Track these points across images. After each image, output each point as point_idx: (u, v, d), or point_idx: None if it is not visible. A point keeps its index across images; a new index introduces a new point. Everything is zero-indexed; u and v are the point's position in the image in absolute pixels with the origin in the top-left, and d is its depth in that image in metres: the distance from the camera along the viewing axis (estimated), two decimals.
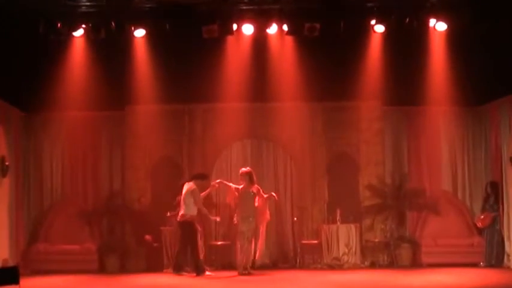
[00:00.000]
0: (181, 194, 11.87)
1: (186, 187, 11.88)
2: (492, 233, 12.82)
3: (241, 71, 13.02)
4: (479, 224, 13.04)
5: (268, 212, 12.10)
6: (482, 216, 13.02)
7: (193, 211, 11.74)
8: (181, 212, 11.75)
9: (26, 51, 12.02)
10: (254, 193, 11.82)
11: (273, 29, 12.48)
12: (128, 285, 10.78)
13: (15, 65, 11.93)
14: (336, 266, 12.87)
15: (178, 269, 11.75)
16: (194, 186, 11.80)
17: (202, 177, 12.10)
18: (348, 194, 13.73)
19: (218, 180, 12.35)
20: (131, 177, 13.69)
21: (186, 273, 11.75)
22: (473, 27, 11.82)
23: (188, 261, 12.04)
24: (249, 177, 11.85)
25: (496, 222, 12.82)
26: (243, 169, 12.04)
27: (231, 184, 12.17)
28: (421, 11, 11.97)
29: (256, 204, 11.85)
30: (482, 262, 12.74)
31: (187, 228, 11.71)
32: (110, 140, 14.01)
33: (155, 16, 11.87)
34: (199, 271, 11.60)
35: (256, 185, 11.98)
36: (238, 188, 11.92)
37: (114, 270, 12.86)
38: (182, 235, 11.86)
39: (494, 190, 12.98)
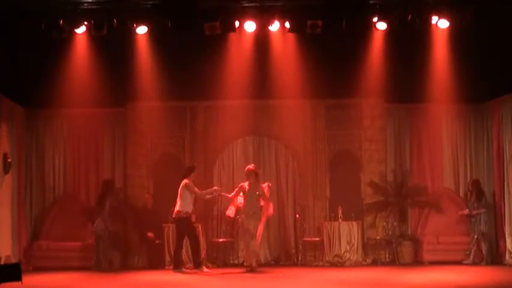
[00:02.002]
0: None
1: (181, 185, 11.91)
2: (473, 231, 12.86)
3: (243, 68, 13.02)
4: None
5: (271, 206, 12.11)
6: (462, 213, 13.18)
7: (189, 207, 11.77)
8: (176, 209, 11.77)
9: (28, 48, 12.05)
10: (260, 192, 11.82)
11: (275, 27, 12.49)
12: (129, 282, 10.77)
13: (17, 61, 11.96)
14: (338, 263, 12.89)
15: (177, 267, 11.76)
16: (187, 181, 11.79)
17: (191, 171, 12.04)
18: (350, 192, 13.73)
19: (216, 188, 12.30)
20: (133, 174, 13.71)
21: (186, 270, 11.78)
22: (476, 24, 11.82)
23: (187, 257, 12.19)
24: (255, 175, 11.86)
25: (476, 220, 12.85)
26: (250, 166, 12.02)
27: (230, 195, 12.14)
28: (423, 9, 11.97)
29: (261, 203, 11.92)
30: (466, 260, 12.82)
31: (182, 224, 11.73)
32: (111, 136, 14.02)
33: (157, 13, 11.87)
34: (196, 265, 11.70)
35: (263, 185, 12.03)
36: (238, 199, 11.98)
37: (116, 266, 12.87)
38: (178, 232, 11.89)
39: (476, 188, 13.00)
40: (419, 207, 13.65)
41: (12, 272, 9.29)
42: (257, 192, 11.76)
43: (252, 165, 12.14)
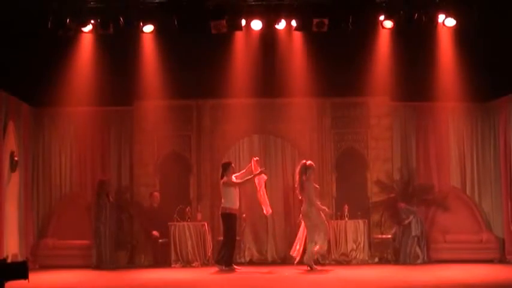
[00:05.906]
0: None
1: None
2: (407, 237, 12.85)
3: (250, 66, 13.04)
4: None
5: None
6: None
7: (232, 203, 11.82)
8: (221, 205, 11.90)
9: (35, 47, 12.07)
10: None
11: (281, 25, 12.47)
12: (135, 281, 10.79)
13: (24, 60, 11.98)
14: (344, 261, 12.88)
15: (229, 264, 11.82)
16: (223, 180, 11.90)
17: (225, 169, 12.04)
18: (356, 190, 13.72)
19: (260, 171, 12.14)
20: (139, 173, 13.73)
21: (237, 268, 11.86)
22: (482, 22, 11.79)
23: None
24: None
25: (408, 227, 12.85)
26: (310, 161, 11.97)
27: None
28: (429, 7, 11.95)
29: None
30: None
31: (225, 220, 11.85)
32: (118, 135, 14.03)
33: (163, 11, 11.89)
34: (226, 264, 11.74)
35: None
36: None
37: (122, 265, 12.90)
38: (223, 228, 11.99)
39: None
40: (425, 205, 13.59)
41: (19, 270, 9.28)
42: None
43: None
